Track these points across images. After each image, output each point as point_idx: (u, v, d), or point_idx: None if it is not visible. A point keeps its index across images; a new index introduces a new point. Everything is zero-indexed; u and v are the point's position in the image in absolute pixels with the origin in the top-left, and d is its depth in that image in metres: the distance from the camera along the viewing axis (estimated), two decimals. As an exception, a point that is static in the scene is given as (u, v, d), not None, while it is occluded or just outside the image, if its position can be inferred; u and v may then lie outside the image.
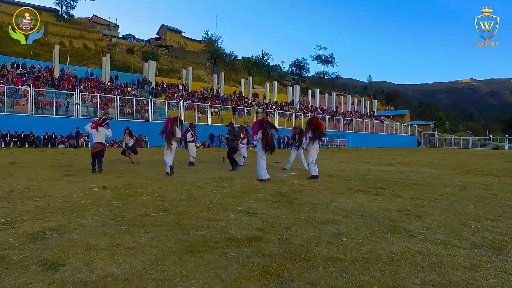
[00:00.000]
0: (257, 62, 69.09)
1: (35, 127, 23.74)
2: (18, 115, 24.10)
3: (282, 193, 6.01)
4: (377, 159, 17.25)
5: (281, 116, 39.05)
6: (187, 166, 11.17)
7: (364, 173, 10.03)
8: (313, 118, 8.95)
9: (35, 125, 23.84)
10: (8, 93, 25.67)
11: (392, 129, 54.37)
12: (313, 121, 8.59)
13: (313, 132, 8.36)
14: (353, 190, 6.40)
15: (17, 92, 26.16)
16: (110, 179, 7.48)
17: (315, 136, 8.32)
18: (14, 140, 23.05)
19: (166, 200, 5.12)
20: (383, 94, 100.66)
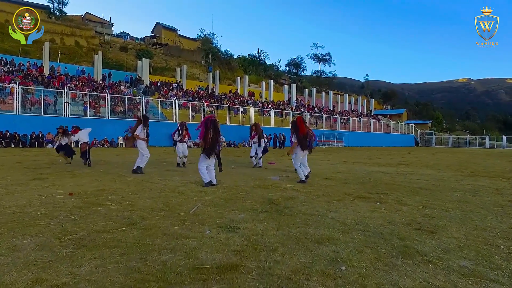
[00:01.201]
0: (253, 60, 68.33)
1: (22, 126, 22.90)
2: (4, 114, 23.24)
3: (272, 200, 5.30)
4: (376, 160, 16.59)
5: (278, 115, 38.35)
6: (174, 167, 10.43)
7: (363, 175, 9.34)
8: (298, 118, 8.17)
9: (22, 124, 23.00)
10: (-6, 91, 24.83)
11: (390, 128, 53.85)
12: (297, 122, 7.90)
13: (296, 135, 7.72)
14: (352, 196, 5.69)
15: (4, 90, 25.27)
16: (84, 183, 6.74)
17: (298, 140, 7.67)
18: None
19: (136, 210, 4.39)
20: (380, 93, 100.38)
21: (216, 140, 6.56)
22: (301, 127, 7.63)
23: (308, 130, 7.83)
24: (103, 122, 26.96)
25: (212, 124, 6.57)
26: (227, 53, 61.99)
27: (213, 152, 6.60)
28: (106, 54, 42.22)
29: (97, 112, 28.04)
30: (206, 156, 6.61)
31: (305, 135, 7.59)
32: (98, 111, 28.11)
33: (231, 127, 32.11)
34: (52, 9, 53.51)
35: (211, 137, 6.46)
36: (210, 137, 6.45)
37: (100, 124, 26.49)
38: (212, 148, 6.53)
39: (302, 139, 7.55)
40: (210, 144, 6.49)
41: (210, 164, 6.84)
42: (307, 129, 7.81)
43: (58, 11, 54.63)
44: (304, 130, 7.59)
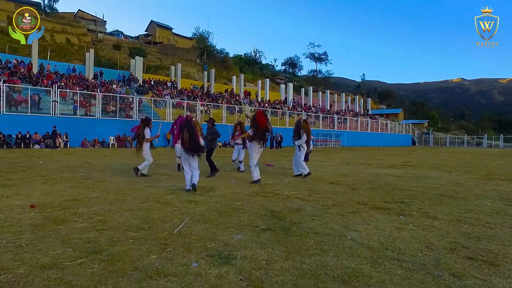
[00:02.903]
0: (249, 59, 67.35)
1: (7, 126, 21.80)
2: (-13, 113, 22.17)
3: (275, 213, 4.44)
4: (378, 160, 15.81)
5: (274, 115, 37.50)
6: (164, 170, 9.52)
7: (371, 178, 8.52)
8: (258, 113, 7.60)
9: (7, 124, 21.91)
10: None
11: (387, 128, 53.27)
12: (256, 116, 7.41)
13: (255, 129, 7.23)
14: (368, 207, 4.85)
15: (-11, 89, 24.12)
16: (55, 191, 5.82)
17: (256, 135, 7.20)
18: (-19, 140, 21.13)
19: (106, 230, 3.51)
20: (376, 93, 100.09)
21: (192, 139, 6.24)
22: (261, 120, 7.19)
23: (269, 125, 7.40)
24: (94, 122, 25.94)
25: (185, 124, 6.37)
26: (222, 52, 61.06)
27: (190, 152, 6.29)
28: (98, 52, 41.05)
29: (87, 111, 26.98)
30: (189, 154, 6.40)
31: (264, 130, 7.19)
32: (89, 111, 27.06)
33: (226, 126, 31.20)
34: (43, 6, 52.27)
35: (186, 137, 6.19)
36: (186, 138, 6.18)
37: (91, 124, 25.48)
38: (189, 148, 6.24)
39: (261, 134, 7.17)
40: (186, 144, 6.22)
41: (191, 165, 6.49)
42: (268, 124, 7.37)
43: (49, 8, 53.41)
44: (264, 124, 7.19)
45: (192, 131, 6.43)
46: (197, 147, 6.29)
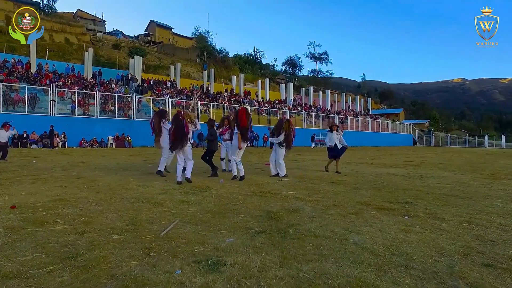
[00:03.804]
0: (249, 59, 67.07)
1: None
2: (-15, 112, 21.92)
3: (271, 213, 4.16)
4: (380, 160, 15.52)
5: (274, 114, 37.22)
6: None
7: (373, 178, 8.24)
8: (241, 110, 7.50)
9: (4, 123, 21.65)
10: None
11: (388, 128, 52.93)
12: (238, 113, 7.32)
13: (238, 127, 7.25)
14: (371, 208, 4.56)
15: (-14, 88, 23.89)
16: (42, 190, 5.55)
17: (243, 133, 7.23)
18: (-21, 140, 20.86)
19: (88, 233, 3.23)
20: (376, 93, 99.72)
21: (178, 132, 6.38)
22: (243, 119, 7.15)
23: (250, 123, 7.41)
24: (92, 122, 25.68)
25: (174, 119, 6.53)
26: (222, 51, 60.79)
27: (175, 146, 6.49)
28: (97, 51, 40.81)
29: (86, 111, 26.72)
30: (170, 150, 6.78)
31: (245, 127, 7.17)
32: (87, 110, 26.80)
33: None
34: (42, 6, 52.06)
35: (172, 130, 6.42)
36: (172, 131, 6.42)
37: (89, 123, 25.21)
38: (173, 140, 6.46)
39: (243, 131, 7.18)
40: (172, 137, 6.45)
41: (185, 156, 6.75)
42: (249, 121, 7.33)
43: (48, 7, 53.21)
44: (245, 122, 7.17)
45: (179, 125, 6.53)
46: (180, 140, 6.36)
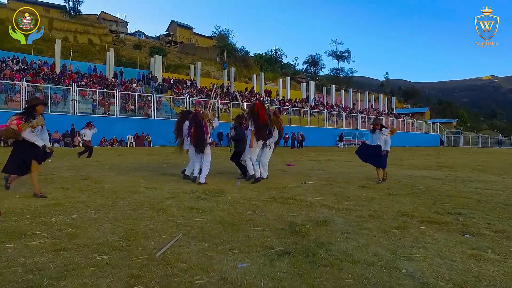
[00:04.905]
0: (270, 58, 66.37)
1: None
2: (10, 112, 22.28)
3: (295, 226, 3.43)
4: (408, 161, 14.43)
5: (295, 114, 36.33)
6: (174, 170, 8.68)
7: (408, 181, 7.34)
8: (257, 104, 6.68)
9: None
10: (3, 89, 23.98)
11: (413, 127, 50.85)
12: (255, 107, 6.51)
13: (255, 123, 6.47)
14: (417, 220, 3.75)
15: (13, 88, 24.41)
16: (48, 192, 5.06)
17: (257, 129, 6.47)
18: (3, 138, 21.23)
19: (68, 250, 2.63)
20: (400, 92, 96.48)
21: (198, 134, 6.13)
22: (261, 113, 6.45)
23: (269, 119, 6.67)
24: (113, 121, 25.73)
25: (193, 119, 6.30)
26: (243, 50, 60.39)
27: (196, 146, 6.24)
28: (119, 51, 41.26)
29: (106, 110, 26.85)
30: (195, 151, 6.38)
31: (265, 124, 6.51)
32: (108, 109, 26.92)
33: (246, 125, 30.39)
34: (68, 9, 53.35)
35: (193, 131, 6.18)
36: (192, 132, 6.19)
37: (109, 122, 25.25)
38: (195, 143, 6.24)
39: (261, 128, 6.49)
40: (193, 139, 6.23)
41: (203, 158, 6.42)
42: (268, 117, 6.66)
43: (73, 10, 54.47)
44: (264, 117, 6.49)
45: (199, 125, 6.17)
46: (201, 142, 6.06)
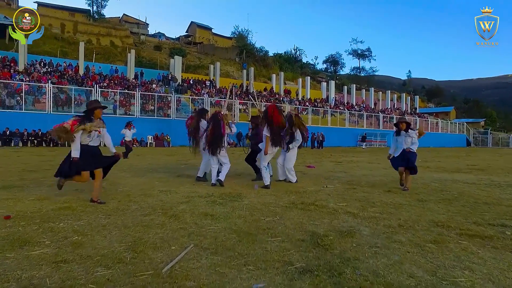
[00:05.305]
0: (289, 57, 65.84)
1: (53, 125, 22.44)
2: (37, 113, 22.98)
3: (317, 237, 3.12)
4: (435, 163, 13.74)
5: (315, 113, 35.74)
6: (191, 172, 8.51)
7: (437, 186, 6.84)
8: (270, 106, 6.36)
9: (53, 123, 22.51)
10: (31, 90, 24.74)
11: (438, 127, 49.06)
12: (268, 111, 6.25)
13: (270, 128, 6.16)
14: (455, 233, 3.35)
15: (40, 90, 25.16)
16: (54, 195, 4.95)
17: (273, 134, 6.15)
18: (31, 139, 21.88)
19: (69, 262, 2.42)
20: (423, 91, 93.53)
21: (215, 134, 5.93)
22: (275, 116, 6.17)
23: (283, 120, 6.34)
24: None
25: (211, 119, 6.17)
26: (262, 50, 60.15)
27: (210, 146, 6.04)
28: (139, 53, 41.89)
29: (127, 110, 27.25)
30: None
31: (280, 127, 6.24)
32: (129, 110, 27.32)
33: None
34: (92, 12, 54.77)
35: (209, 130, 5.99)
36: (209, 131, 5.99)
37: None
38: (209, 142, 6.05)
39: (276, 132, 6.18)
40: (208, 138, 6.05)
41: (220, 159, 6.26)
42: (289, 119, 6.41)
43: (97, 13, 55.86)
44: (279, 120, 6.21)
45: (217, 125, 6.00)
46: (215, 143, 5.89)
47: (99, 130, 4.61)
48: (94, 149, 4.66)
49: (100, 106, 4.85)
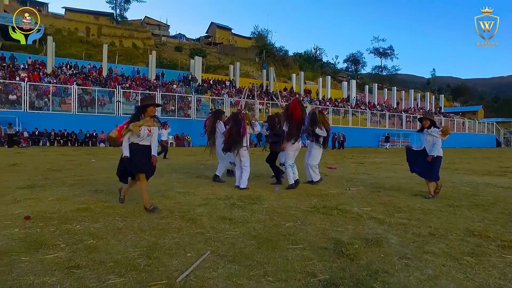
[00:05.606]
0: (309, 57, 65.16)
1: (78, 125, 23.07)
2: (63, 113, 23.71)
3: (341, 245, 2.92)
4: (464, 165, 13.10)
5: (336, 113, 35.15)
6: (208, 173, 8.43)
7: (469, 190, 6.44)
8: (293, 101, 6.17)
9: (78, 123, 23.21)
10: (58, 92, 25.57)
11: (464, 127, 47.18)
12: (290, 105, 6.08)
13: (289, 124, 6.00)
14: (495, 244, 3.06)
15: (66, 92, 25.94)
16: (74, 196, 4.95)
17: (291, 129, 5.95)
18: (58, 138, 22.58)
19: (82, 267, 2.34)
20: (448, 89, 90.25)
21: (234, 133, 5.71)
22: (296, 111, 5.92)
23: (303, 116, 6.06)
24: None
25: (231, 118, 6.00)
26: (281, 50, 59.82)
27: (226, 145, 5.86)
28: (160, 54, 42.53)
29: (150, 111, 27.68)
30: None
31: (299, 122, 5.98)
32: (152, 110, 27.75)
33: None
34: (115, 15, 56.15)
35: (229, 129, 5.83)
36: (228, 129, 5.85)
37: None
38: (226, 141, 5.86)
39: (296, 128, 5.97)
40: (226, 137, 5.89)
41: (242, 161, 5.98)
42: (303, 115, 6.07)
43: (120, 16, 57.21)
44: (298, 115, 5.94)
45: (237, 124, 5.82)
46: (233, 142, 5.68)
47: (149, 129, 4.17)
48: (144, 148, 4.21)
49: (154, 104, 4.42)
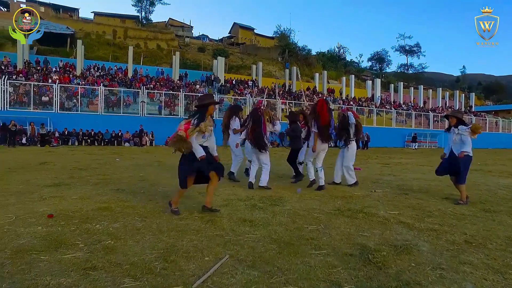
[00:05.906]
0: (333, 56, 64.13)
1: (105, 125, 23.73)
2: (90, 114, 24.48)
3: (367, 251, 2.73)
4: (498, 166, 12.39)
5: (360, 113, 34.35)
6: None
7: (505, 193, 6.01)
8: (319, 101, 5.99)
9: (104, 123, 23.88)
10: (86, 93, 26.45)
11: (497, 127, 44.89)
12: (317, 106, 5.88)
13: (317, 124, 5.79)
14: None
15: (94, 93, 26.77)
16: (96, 194, 5.00)
17: (320, 130, 5.77)
18: (85, 138, 23.32)
19: (98, 269, 2.29)
20: (480, 88, 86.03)
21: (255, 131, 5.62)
22: (323, 113, 5.73)
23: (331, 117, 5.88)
24: (177, 121, 26.72)
25: (251, 114, 5.83)
26: (304, 49, 59.20)
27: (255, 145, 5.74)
28: (184, 55, 43.08)
29: (172, 111, 28.13)
30: None
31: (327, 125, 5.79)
32: (173, 110, 28.17)
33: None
34: (140, 18, 57.48)
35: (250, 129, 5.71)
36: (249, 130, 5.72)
37: (174, 122, 26.25)
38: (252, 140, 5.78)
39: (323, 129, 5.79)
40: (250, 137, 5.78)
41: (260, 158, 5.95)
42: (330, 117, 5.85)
43: (145, 19, 58.52)
44: (326, 116, 5.77)
45: (258, 122, 5.71)
46: (259, 142, 5.54)
47: (211, 129, 4.05)
48: (206, 149, 4.11)
49: (215, 102, 4.27)
